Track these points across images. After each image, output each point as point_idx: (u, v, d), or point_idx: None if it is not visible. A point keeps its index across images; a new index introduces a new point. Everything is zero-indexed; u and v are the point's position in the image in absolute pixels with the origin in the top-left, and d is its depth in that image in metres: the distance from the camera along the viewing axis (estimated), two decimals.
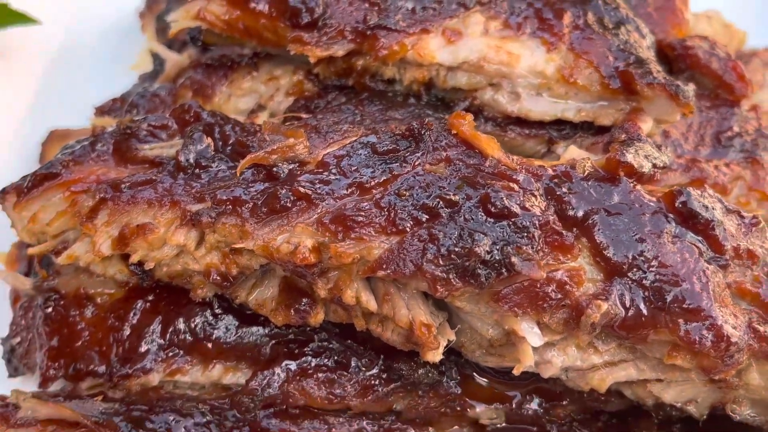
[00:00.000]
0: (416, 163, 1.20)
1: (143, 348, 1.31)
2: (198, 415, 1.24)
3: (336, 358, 1.29)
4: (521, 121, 1.41)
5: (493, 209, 1.12)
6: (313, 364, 1.28)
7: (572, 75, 1.35)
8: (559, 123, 1.41)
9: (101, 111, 1.77)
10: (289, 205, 1.17)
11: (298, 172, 1.22)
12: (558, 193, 1.17)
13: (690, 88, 1.33)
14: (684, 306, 1.11)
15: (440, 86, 1.43)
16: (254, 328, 1.31)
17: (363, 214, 1.15)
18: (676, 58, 1.48)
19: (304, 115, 1.43)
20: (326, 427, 1.25)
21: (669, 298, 1.11)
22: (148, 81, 1.84)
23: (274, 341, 1.31)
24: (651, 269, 1.13)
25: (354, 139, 1.26)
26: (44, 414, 1.22)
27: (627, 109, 1.36)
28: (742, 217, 1.21)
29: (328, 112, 1.43)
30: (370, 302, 1.16)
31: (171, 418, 1.23)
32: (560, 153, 1.37)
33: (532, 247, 1.11)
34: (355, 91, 1.49)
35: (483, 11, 1.41)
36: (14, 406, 1.25)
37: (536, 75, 1.37)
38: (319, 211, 1.17)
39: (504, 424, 1.29)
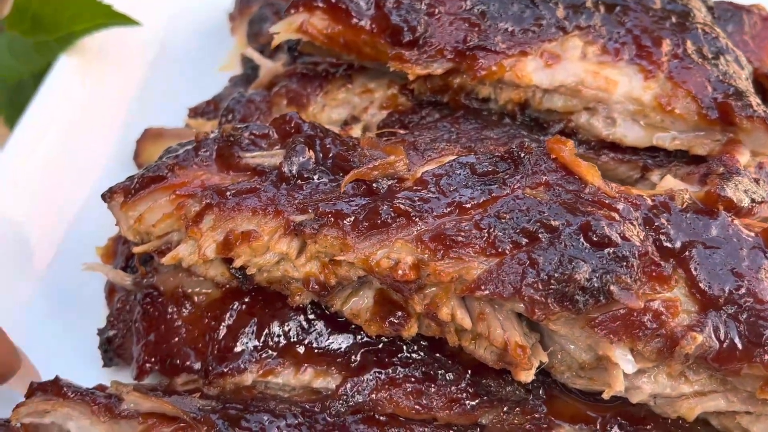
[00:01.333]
0: (515, 186, 1.22)
1: (238, 348, 1.35)
2: (290, 416, 1.28)
3: (424, 369, 1.31)
4: (615, 146, 1.42)
5: (593, 237, 1.14)
6: (401, 375, 1.31)
7: (670, 103, 1.35)
8: (653, 150, 1.41)
9: (195, 112, 1.82)
10: (389, 221, 1.20)
11: (397, 189, 1.25)
12: (656, 223, 1.18)
13: None
14: None
15: (535, 107, 1.44)
16: (345, 335, 1.34)
17: (462, 234, 1.17)
18: None
19: (400, 131, 1.46)
20: None
21: (765, 334, 1.12)
22: (240, 84, 1.89)
23: (364, 349, 1.33)
24: (747, 304, 1.14)
25: (453, 158, 1.29)
26: (146, 408, 1.26)
27: (723, 140, 1.36)
28: None
29: (423, 129, 1.45)
30: (465, 320, 1.19)
31: (265, 418, 1.27)
32: (654, 180, 1.37)
33: (631, 277, 1.12)
34: (448, 107, 1.51)
35: (581, 36, 1.42)
36: (117, 397, 1.29)
37: (633, 102, 1.38)
38: (418, 228, 1.20)
39: None
